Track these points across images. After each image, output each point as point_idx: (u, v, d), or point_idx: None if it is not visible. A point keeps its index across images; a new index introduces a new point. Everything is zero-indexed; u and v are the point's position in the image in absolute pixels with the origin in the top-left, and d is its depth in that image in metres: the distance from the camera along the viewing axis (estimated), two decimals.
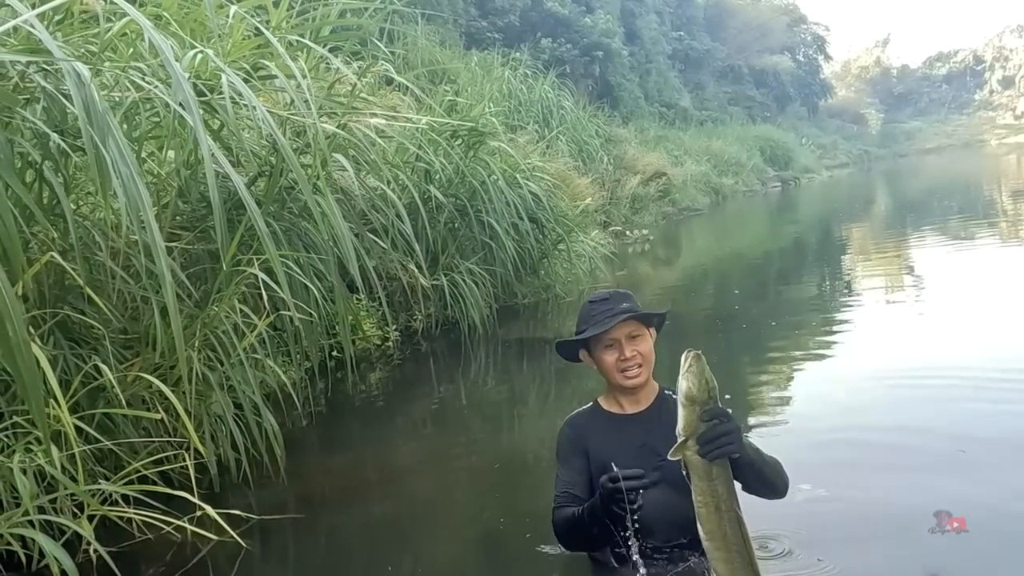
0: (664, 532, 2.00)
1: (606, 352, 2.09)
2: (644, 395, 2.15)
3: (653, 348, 2.12)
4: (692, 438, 1.75)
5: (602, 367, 2.11)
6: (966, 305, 5.46)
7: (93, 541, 2.20)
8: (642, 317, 2.10)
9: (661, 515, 1.98)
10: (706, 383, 1.75)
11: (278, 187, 3.33)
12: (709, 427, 1.73)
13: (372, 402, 4.50)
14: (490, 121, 5.78)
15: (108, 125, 1.73)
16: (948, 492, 2.36)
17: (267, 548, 2.56)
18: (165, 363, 2.87)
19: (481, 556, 2.33)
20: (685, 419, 1.76)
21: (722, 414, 1.76)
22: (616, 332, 2.06)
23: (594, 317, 2.09)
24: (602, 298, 2.13)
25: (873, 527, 2.24)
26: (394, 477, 3.34)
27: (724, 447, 1.73)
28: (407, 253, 5.22)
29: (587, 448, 2.10)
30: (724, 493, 1.76)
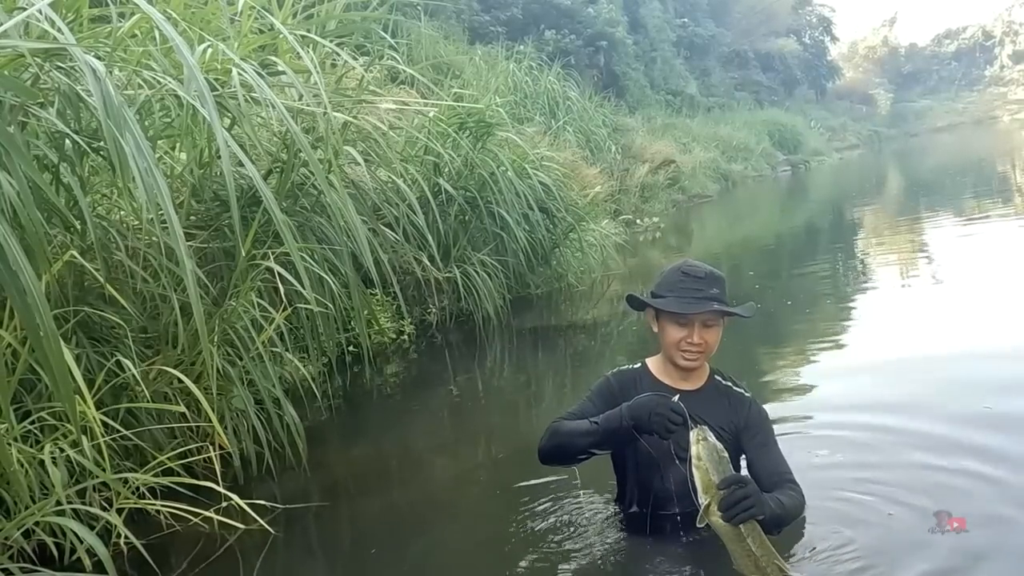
0: (680, 504, 2.01)
1: (675, 328, 2.05)
2: (696, 375, 2.14)
3: (719, 339, 2.09)
4: (714, 502, 1.80)
5: (664, 338, 2.09)
6: (982, 285, 5.42)
7: (125, 531, 2.24)
8: (724, 313, 2.06)
9: (679, 491, 1.98)
10: (714, 447, 1.82)
11: (290, 183, 3.36)
12: (728, 493, 1.77)
13: (390, 395, 4.54)
14: (497, 111, 5.79)
15: (125, 119, 1.76)
16: (957, 478, 2.35)
17: (292, 535, 2.59)
18: (186, 359, 2.91)
19: (502, 542, 2.35)
20: (701, 481, 1.82)
21: (737, 480, 1.80)
22: (695, 315, 2.04)
23: (682, 291, 2.03)
24: (696, 274, 2.05)
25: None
26: (414, 465, 3.38)
27: (747, 510, 1.77)
28: (420, 246, 5.25)
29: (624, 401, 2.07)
30: (759, 550, 1.81)
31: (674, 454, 1.93)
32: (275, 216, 2.31)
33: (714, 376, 2.17)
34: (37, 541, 2.28)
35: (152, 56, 2.39)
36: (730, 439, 2.01)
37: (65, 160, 2.57)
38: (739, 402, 2.12)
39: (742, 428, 2.07)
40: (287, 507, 2.68)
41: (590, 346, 5.41)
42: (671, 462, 1.95)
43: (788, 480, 2.00)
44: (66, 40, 1.78)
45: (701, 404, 2.04)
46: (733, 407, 2.10)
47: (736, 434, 2.05)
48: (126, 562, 2.32)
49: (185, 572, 2.36)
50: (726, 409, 2.09)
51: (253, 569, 2.38)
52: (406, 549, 2.48)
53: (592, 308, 6.38)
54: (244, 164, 2.33)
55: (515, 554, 2.22)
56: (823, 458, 2.68)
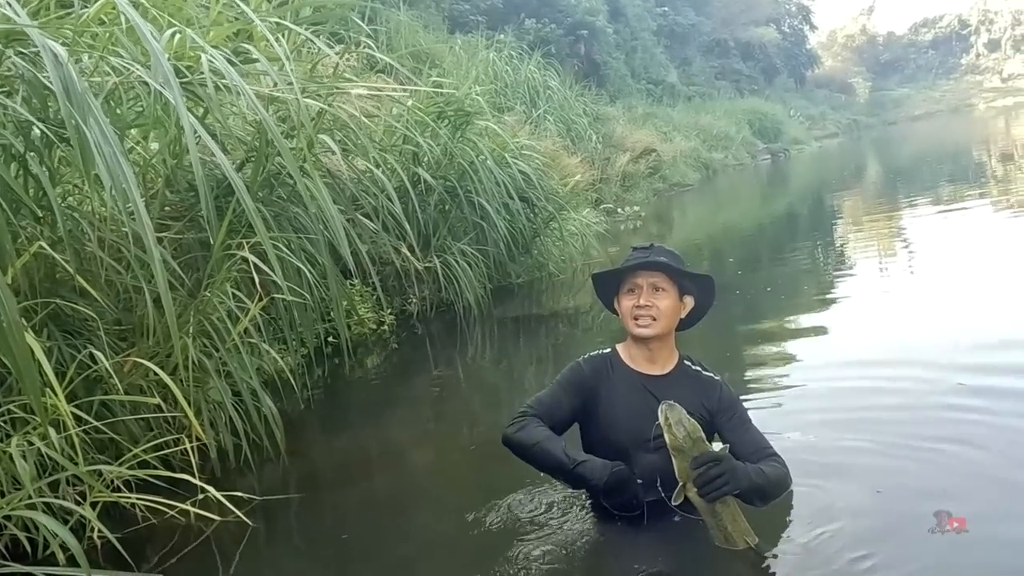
0: (647, 493, 2.02)
1: (626, 296, 2.11)
2: (662, 358, 2.14)
3: (676, 314, 2.11)
4: (690, 482, 1.84)
5: (621, 311, 2.14)
6: (957, 269, 5.49)
7: (99, 524, 2.22)
8: (672, 273, 2.09)
9: (649, 479, 2.00)
10: (687, 433, 1.85)
11: (264, 172, 3.32)
12: (702, 472, 1.81)
13: (370, 385, 4.52)
14: (476, 100, 5.76)
15: (88, 104, 1.72)
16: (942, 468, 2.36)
17: (271, 526, 2.58)
18: (161, 351, 2.88)
19: (482, 531, 2.35)
20: (678, 467, 1.87)
21: (712, 459, 1.82)
22: (640, 277, 2.08)
23: (628, 260, 2.12)
24: (643, 245, 2.15)
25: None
26: (394, 455, 3.36)
27: (721, 488, 1.81)
28: (399, 236, 5.22)
29: (596, 391, 2.11)
30: (731, 527, 1.87)
31: (644, 443, 1.95)
32: (246, 204, 2.28)
33: (683, 361, 2.18)
34: (10, 536, 2.25)
35: (120, 43, 2.35)
36: (704, 423, 2.02)
37: (33, 150, 2.52)
38: (710, 385, 2.13)
39: (715, 411, 2.08)
40: (265, 498, 2.66)
41: (572, 335, 5.42)
42: (641, 451, 1.96)
43: (771, 454, 2.03)
44: (23, 23, 1.74)
45: (671, 388, 2.06)
46: (704, 391, 2.12)
47: (710, 417, 2.07)
48: (100, 556, 2.29)
49: (161, 565, 2.33)
50: (697, 393, 2.10)
51: (231, 561, 2.36)
52: (386, 538, 2.47)
53: (573, 297, 6.39)
54: (215, 153, 2.29)
55: (493, 543, 2.22)
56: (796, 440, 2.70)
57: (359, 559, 2.37)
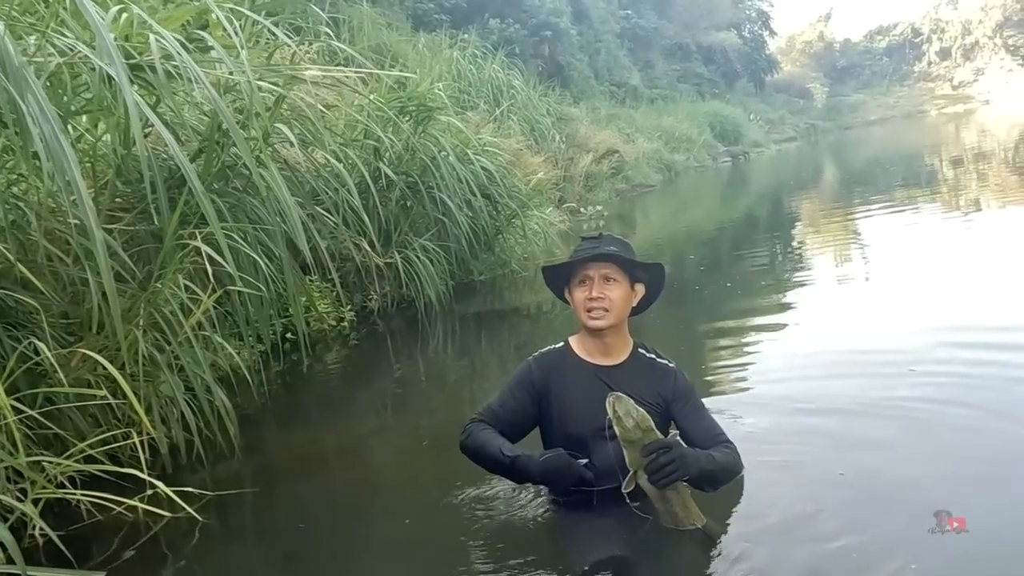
0: (604, 481, 2.02)
1: (578, 288, 2.10)
2: (616, 348, 2.14)
3: (628, 303, 2.10)
4: (640, 469, 1.87)
5: (573, 303, 2.13)
6: (908, 267, 5.62)
7: (39, 521, 2.14)
8: (622, 263, 2.08)
9: (606, 466, 2.00)
10: (635, 422, 1.86)
11: (219, 162, 3.25)
12: (652, 460, 1.83)
13: (329, 382, 4.46)
14: (439, 95, 5.72)
15: (26, 79, 1.65)
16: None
17: (223, 522, 2.52)
18: (111, 344, 2.79)
19: (439, 525, 2.32)
20: (629, 456, 1.89)
21: (661, 446, 1.83)
22: (591, 269, 2.06)
23: (577, 253, 2.10)
24: (592, 236, 2.14)
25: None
26: (352, 450, 3.32)
27: (671, 475, 1.83)
28: (359, 232, 5.16)
29: (547, 389, 2.10)
30: (681, 512, 1.90)
31: (600, 433, 1.95)
32: (196, 188, 2.21)
33: (637, 349, 2.17)
34: None
35: (66, 23, 2.27)
36: (659, 411, 2.03)
37: None
38: (664, 373, 2.13)
39: (671, 399, 2.09)
40: (218, 494, 2.60)
41: (534, 331, 5.41)
42: (598, 441, 1.96)
43: (723, 440, 2.05)
44: None
45: (625, 378, 2.07)
46: (659, 379, 2.12)
47: (665, 406, 2.07)
48: (42, 554, 2.21)
49: (109, 564, 2.26)
50: (652, 382, 2.10)
51: (180, 557, 2.30)
52: (342, 532, 2.43)
53: (536, 294, 6.38)
54: (165, 138, 2.22)
55: (449, 536, 2.19)
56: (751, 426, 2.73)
57: (314, 553, 2.32)
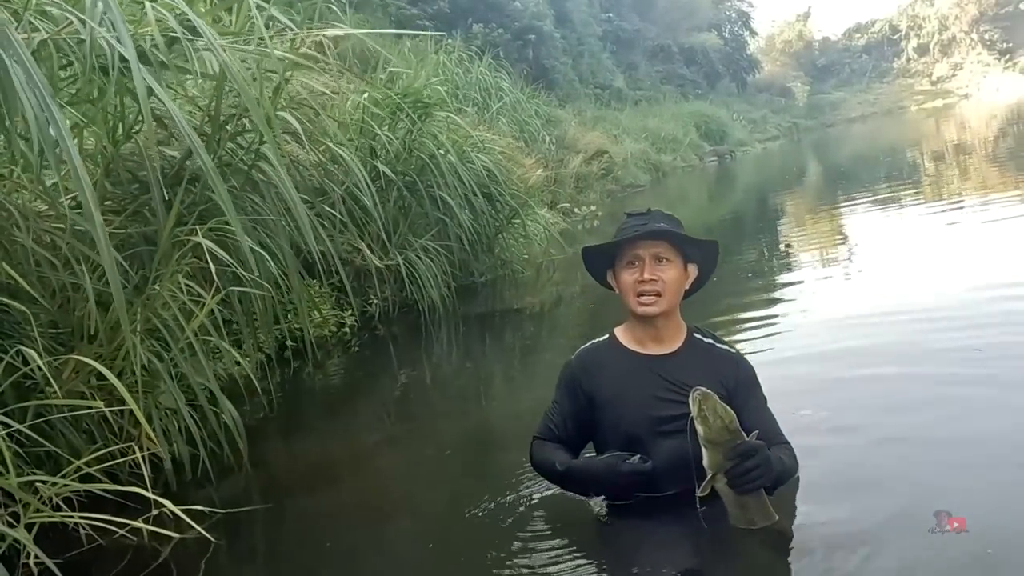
0: (672, 483, 1.83)
1: (626, 270, 1.89)
2: (669, 334, 1.93)
3: (682, 285, 1.91)
4: (720, 472, 1.69)
5: (620, 288, 1.92)
6: (894, 260, 5.54)
7: (33, 548, 1.94)
8: (675, 240, 1.89)
9: (670, 466, 1.81)
10: (722, 423, 1.67)
11: (216, 158, 3.06)
12: (735, 464, 1.66)
13: (333, 390, 4.27)
14: (437, 90, 5.55)
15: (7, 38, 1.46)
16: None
17: (235, 542, 2.32)
18: (105, 353, 2.59)
19: (454, 538, 2.15)
20: (710, 459, 1.70)
21: (748, 451, 1.65)
22: (641, 248, 1.86)
23: (624, 230, 1.90)
24: (640, 212, 1.93)
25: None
26: (363, 462, 3.13)
27: (755, 481, 1.66)
28: (359, 234, 4.98)
29: (594, 388, 1.91)
30: (757, 515, 1.72)
31: (658, 430, 1.77)
32: (206, 163, 2.01)
33: (692, 334, 1.98)
34: None
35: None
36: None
37: None
38: (725, 360, 1.94)
39: (733, 389, 1.88)
40: (227, 511, 2.40)
41: (541, 332, 5.26)
42: (656, 439, 1.78)
43: (783, 441, 1.88)
44: None
45: (681, 367, 1.88)
46: (719, 367, 1.91)
47: (728, 396, 1.86)
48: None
49: None
50: (712, 370, 1.90)
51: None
52: (360, 550, 2.25)
53: (538, 294, 6.23)
54: (175, 116, 2.03)
55: (484, 554, 2.01)
56: None
57: (331, 571, 2.14)
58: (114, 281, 1.76)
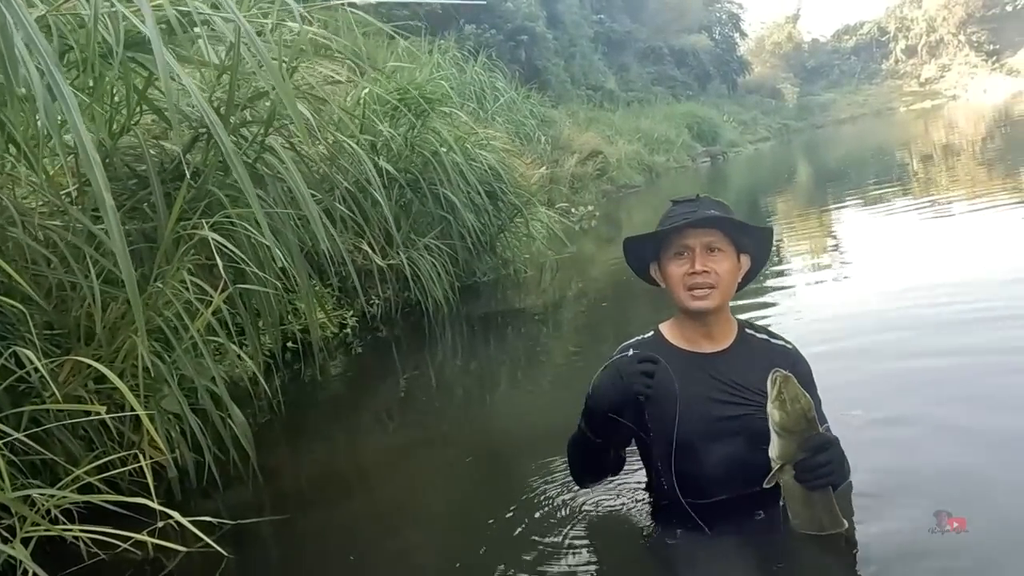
0: (721, 490, 1.69)
1: (674, 262, 1.74)
2: (720, 331, 1.79)
3: (735, 277, 1.77)
4: (789, 463, 1.55)
5: (668, 281, 1.77)
6: (886, 260, 5.47)
7: (31, 564, 1.79)
8: (728, 228, 1.74)
9: (724, 472, 1.68)
10: (801, 412, 1.53)
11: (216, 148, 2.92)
12: (808, 457, 1.53)
13: (337, 393, 4.13)
14: (441, 85, 5.42)
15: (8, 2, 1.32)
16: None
17: (248, 556, 2.18)
18: (104, 354, 2.45)
19: (475, 549, 2.03)
20: (781, 448, 1.56)
21: (823, 444, 1.52)
22: (691, 238, 1.71)
23: (671, 218, 1.74)
24: (688, 198, 1.77)
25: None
26: (372, 469, 2.99)
27: (826, 477, 1.53)
28: (360, 233, 4.85)
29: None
30: (827, 521, 1.58)
31: (712, 433, 1.64)
32: (225, 146, 1.87)
33: (744, 330, 1.83)
34: None
35: None
36: None
37: None
38: (782, 356, 1.79)
39: None
40: (238, 523, 2.26)
41: (545, 334, 5.12)
42: (710, 443, 1.64)
43: None
44: None
45: (734, 365, 1.74)
46: (776, 363, 1.73)
47: None
48: None
49: None
50: (767, 367, 1.71)
51: None
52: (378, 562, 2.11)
53: (542, 295, 6.11)
54: (190, 90, 1.89)
55: (491, 556, 1.89)
56: None
57: None
58: (126, 269, 1.62)
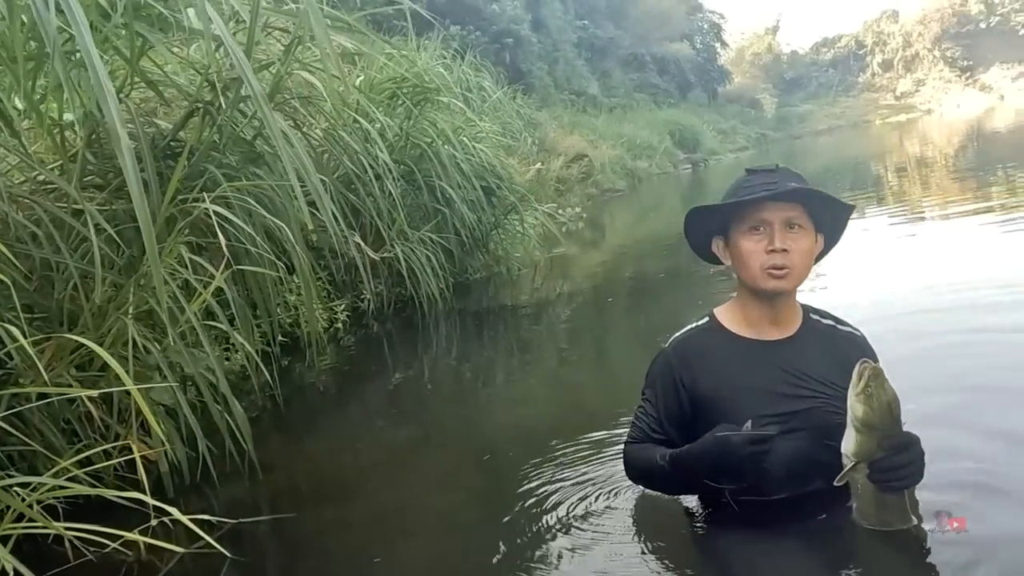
0: (782, 488, 1.56)
1: (749, 237, 1.56)
2: (787, 316, 1.63)
3: (812, 258, 1.61)
4: (864, 462, 1.43)
5: (740, 259, 1.59)
6: (861, 268, 5.39)
7: (14, 562, 1.62)
8: (813, 203, 1.58)
9: (787, 469, 1.54)
10: (888, 408, 1.41)
11: (216, 126, 2.75)
12: (886, 456, 1.41)
13: (329, 389, 3.97)
14: (440, 74, 5.27)
15: None
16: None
17: (249, 556, 2.01)
18: (90, 339, 2.26)
19: (480, 548, 1.89)
20: (859, 444, 1.43)
21: (904, 443, 1.40)
22: (770, 211, 1.54)
23: (748, 189, 1.56)
24: (765, 169, 1.60)
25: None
26: (369, 467, 2.84)
27: (904, 479, 1.41)
28: (350, 225, 4.68)
29: (696, 383, 1.60)
30: (895, 518, 1.47)
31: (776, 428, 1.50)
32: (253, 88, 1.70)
33: (810, 315, 1.68)
34: None
35: None
36: (844, 394, 1.60)
37: None
38: (850, 343, 1.65)
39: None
40: (239, 522, 2.09)
41: (548, 331, 4.99)
42: (775, 439, 1.49)
43: None
44: None
45: (801, 355, 1.60)
46: (846, 352, 1.61)
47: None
48: None
49: None
50: (835, 355, 1.61)
51: None
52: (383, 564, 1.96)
53: (536, 292, 5.98)
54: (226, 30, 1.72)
55: (497, 552, 1.76)
56: None
57: None
58: (142, 210, 1.48)
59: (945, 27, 44.02)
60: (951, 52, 44.02)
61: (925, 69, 45.38)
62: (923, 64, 45.54)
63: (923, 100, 44.26)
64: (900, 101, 45.20)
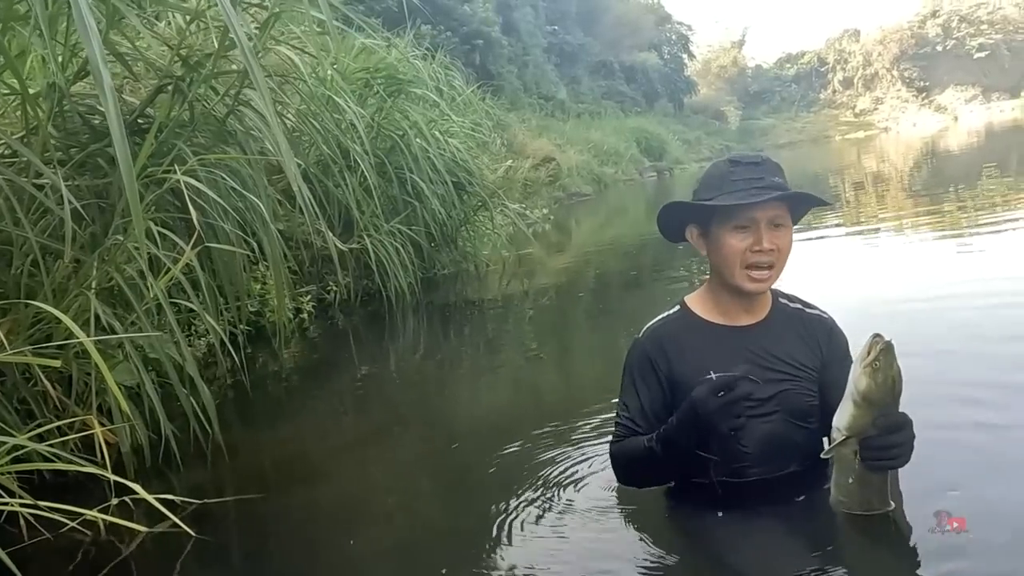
0: (761, 468, 1.57)
1: (735, 235, 1.55)
2: (760, 303, 1.64)
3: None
4: (856, 438, 1.41)
5: (720, 254, 1.58)
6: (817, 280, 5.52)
7: None
8: (803, 201, 1.61)
9: (761, 451, 1.56)
10: (892, 384, 1.38)
11: (186, 103, 2.69)
12: (878, 435, 1.39)
13: (292, 378, 3.90)
14: (413, 66, 5.24)
15: None
16: None
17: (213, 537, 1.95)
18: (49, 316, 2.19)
19: (468, 535, 1.87)
20: (854, 419, 1.40)
21: (898, 424, 1.39)
22: (758, 210, 1.53)
23: (734, 183, 1.53)
24: (750, 161, 1.56)
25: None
26: (332, 453, 2.78)
27: (893, 460, 1.40)
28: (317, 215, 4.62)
29: (672, 369, 1.60)
30: (876, 498, 1.46)
31: (752, 412, 1.50)
32: (242, 44, 1.65)
33: (778, 299, 1.68)
34: None
35: None
36: (814, 377, 1.60)
37: None
38: (818, 325, 1.66)
39: (828, 361, 1.61)
40: (204, 503, 2.04)
41: (506, 327, 4.99)
42: (750, 422, 1.50)
43: None
44: None
45: (772, 338, 1.60)
46: (812, 335, 1.63)
47: (821, 367, 1.61)
48: None
49: None
50: (804, 337, 1.62)
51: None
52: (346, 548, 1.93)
53: (505, 288, 5.97)
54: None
55: (478, 547, 1.74)
56: None
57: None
58: (123, 155, 1.41)
59: (904, 48, 45.30)
60: (908, 72, 45.31)
61: (884, 88, 46.61)
62: (882, 83, 46.78)
63: (881, 118, 45.43)
64: (859, 118, 46.33)
